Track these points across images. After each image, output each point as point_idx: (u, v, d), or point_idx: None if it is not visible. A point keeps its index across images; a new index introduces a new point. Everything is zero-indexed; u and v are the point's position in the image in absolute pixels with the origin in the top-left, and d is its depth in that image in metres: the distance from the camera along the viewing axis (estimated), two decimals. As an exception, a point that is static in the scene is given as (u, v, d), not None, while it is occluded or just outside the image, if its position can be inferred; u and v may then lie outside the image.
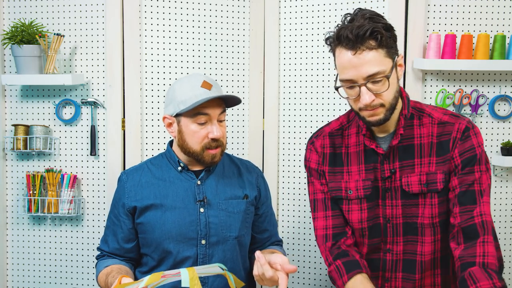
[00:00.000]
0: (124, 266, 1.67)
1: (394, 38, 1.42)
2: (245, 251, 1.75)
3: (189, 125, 1.60)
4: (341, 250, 1.54)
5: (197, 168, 1.71)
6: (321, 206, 1.59)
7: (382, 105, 1.40)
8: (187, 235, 1.63)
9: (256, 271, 1.43)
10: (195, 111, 1.57)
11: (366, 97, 1.37)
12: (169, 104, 1.64)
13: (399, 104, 1.50)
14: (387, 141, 1.52)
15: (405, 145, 1.50)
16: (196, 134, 1.59)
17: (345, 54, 1.37)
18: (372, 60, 1.35)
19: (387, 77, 1.37)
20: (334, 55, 1.44)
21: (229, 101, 1.64)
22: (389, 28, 1.40)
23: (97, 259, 1.75)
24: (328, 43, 1.45)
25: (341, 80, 1.42)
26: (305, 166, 1.65)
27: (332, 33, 1.42)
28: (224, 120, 1.65)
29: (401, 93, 1.51)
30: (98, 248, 1.76)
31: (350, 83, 1.39)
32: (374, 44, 1.35)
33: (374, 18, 1.38)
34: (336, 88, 1.45)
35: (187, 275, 1.29)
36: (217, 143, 1.61)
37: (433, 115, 1.51)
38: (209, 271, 1.43)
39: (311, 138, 1.64)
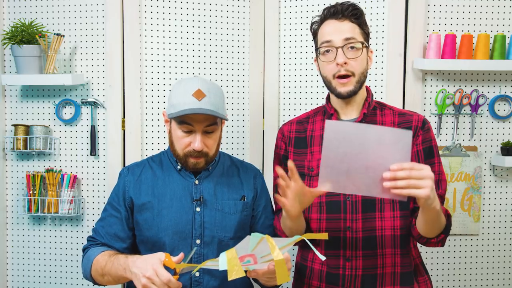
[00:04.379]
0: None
1: (368, 30, 1.64)
2: None
3: (176, 129, 1.62)
4: None
5: None
6: (274, 189, 1.74)
7: (353, 75, 1.57)
8: (182, 234, 1.63)
9: None
10: (181, 119, 1.59)
11: (341, 57, 1.55)
12: (167, 103, 1.67)
13: (365, 93, 1.66)
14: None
15: None
16: (180, 140, 1.62)
17: (330, 22, 1.59)
18: (351, 28, 1.57)
19: (362, 43, 1.58)
20: (317, 35, 1.64)
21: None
22: (366, 22, 1.62)
23: (87, 247, 1.68)
24: (314, 27, 1.65)
25: (321, 43, 1.60)
26: (274, 154, 1.78)
27: (318, 17, 1.64)
28: (214, 131, 1.63)
29: (367, 89, 1.68)
30: (90, 237, 1.69)
31: (328, 45, 1.57)
32: (354, 20, 1.58)
33: (358, 7, 1.61)
34: (316, 50, 1.62)
35: (225, 258, 1.30)
36: (200, 153, 1.61)
37: (394, 109, 1.69)
38: (285, 243, 1.39)
39: (280, 126, 1.79)
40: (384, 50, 2.19)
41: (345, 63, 1.55)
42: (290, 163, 1.41)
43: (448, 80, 2.25)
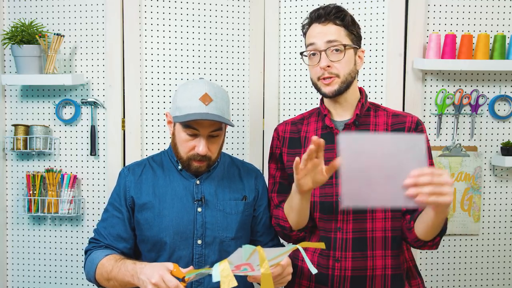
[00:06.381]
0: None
1: (357, 30, 1.64)
2: None
3: (180, 132, 1.62)
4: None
5: None
6: (269, 188, 1.78)
7: (337, 76, 1.58)
8: (183, 234, 1.63)
9: None
10: (186, 123, 1.58)
11: (324, 61, 1.57)
12: (172, 104, 1.66)
13: (357, 94, 1.66)
14: (343, 124, 1.65)
15: (361, 129, 1.63)
16: (184, 144, 1.62)
17: (315, 27, 1.61)
18: (334, 31, 1.58)
19: (344, 46, 1.58)
20: (306, 36, 1.66)
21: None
22: (354, 22, 1.63)
23: (89, 249, 1.68)
24: (304, 30, 1.67)
25: (306, 46, 1.64)
26: (269, 153, 1.80)
27: (306, 19, 1.66)
28: (219, 136, 1.64)
29: (360, 91, 1.69)
30: (93, 239, 1.70)
31: (313, 48, 1.60)
32: (339, 22, 1.59)
33: (341, 9, 1.63)
34: (301, 54, 1.65)
35: (218, 270, 1.32)
36: (203, 157, 1.62)
37: (387, 110, 1.70)
38: (279, 252, 1.40)
39: (276, 127, 1.80)
40: (384, 50, 2.19)
41: (328, 66, 1.57)
42: (320, 140, 1.39)
43: (448, 80, 2.25)
